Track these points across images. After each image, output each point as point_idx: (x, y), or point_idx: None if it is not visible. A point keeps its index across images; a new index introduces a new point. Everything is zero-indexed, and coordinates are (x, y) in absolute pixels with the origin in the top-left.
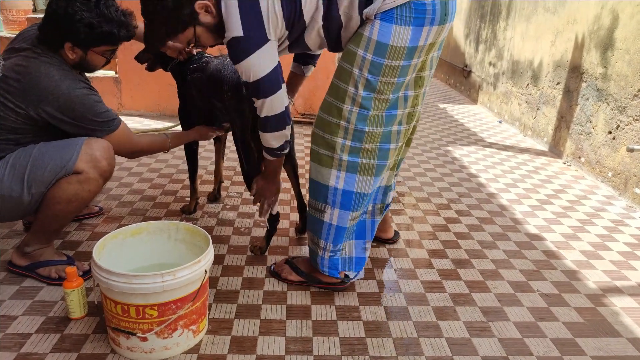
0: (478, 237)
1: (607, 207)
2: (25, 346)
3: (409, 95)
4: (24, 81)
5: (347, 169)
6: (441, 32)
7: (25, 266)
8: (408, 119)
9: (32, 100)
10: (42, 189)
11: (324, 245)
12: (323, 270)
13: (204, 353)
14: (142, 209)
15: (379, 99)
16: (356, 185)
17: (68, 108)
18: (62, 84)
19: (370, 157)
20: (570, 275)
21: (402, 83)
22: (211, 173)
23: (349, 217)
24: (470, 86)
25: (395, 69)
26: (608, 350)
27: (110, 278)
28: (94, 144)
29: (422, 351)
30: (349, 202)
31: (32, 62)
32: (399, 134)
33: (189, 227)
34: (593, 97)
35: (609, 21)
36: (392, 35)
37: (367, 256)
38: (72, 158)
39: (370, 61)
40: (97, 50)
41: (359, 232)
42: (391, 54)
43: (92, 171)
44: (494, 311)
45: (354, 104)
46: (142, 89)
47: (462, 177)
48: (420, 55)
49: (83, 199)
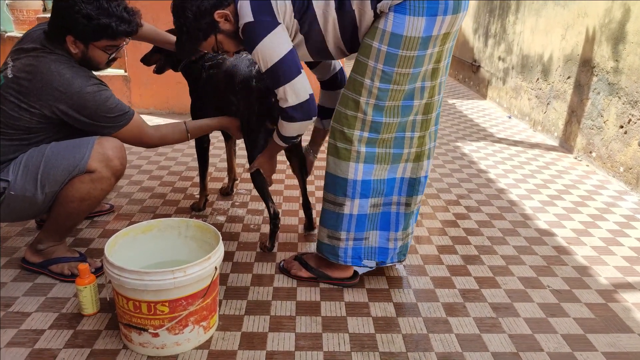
0: (488, 233)
1: (618, 202)
2: (39, 342)
3: (425, 86)
4: (35, 81)
5: (365, 160)
6: (455, 22)
7: (39, 263)
8: (425, 110)
9: (46, 99)
10: (56, 188)
11: (346, 235)
12: (346, 262)
13: (214, 349)
14: (152, 207)
15: (395, 89)
16: (374, 173)
17: (81, 105)
18: (74, 81)
19: (387, 146)
20: (581, 271)
21: (418, 73)
22: (220, 170)
23: (368, 204)
24: (479, 81)
25: (411, 60)
26: (619, 346)
27: (122, 275)
28: (105, 143)
29: (431, 347)
30: (367, 190)
31: (41, 61)
32: (415, 123)
33: (199, 224)
34: (604, 91)
35: (621, 14)
36: (405, 26)
37: (392, 247)
38: (85, 157)
39: (386, 52)
40: (98, 44)
41: (383, 223)
42: (406, 44)
43: (105, 170)
44: (504, 307)
45: (371, 96)
46: (151, 87)
47: (472, 172)
48: (435, 45)
49: (96, 197)
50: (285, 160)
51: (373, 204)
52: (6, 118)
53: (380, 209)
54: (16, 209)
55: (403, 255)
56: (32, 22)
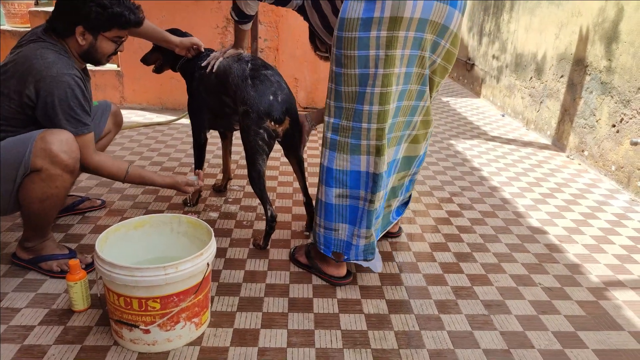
0: (480, 231)
1: (610, 201)
2: (29, 338)
3: (378, 73)
4: (19, 64)
5: (329, 147)
6: (403, 6)
7: (28, 259)
8: (381, 100)
9: (22, 80)
10: (9, 187)
11: (319, 221)
12: (319, 248)
13: (206, 345)
14: (144, 202)
15: (347, 73)
16: (335, 162)
17: (48, 90)
18: (54, 66)
19: (345, 135)
20: (572, 268)
21: (365, 57)
22: (213, 166)
23: (333, 194)
24: (474, 79)
25: (353, 41)
26: (610, 344)
27: (113, 271)
28: (49, 137)
29: (423, 344)
30: (331, 179)
31: (30, 46)
32: (371, 114)
33: (192, 220)
34: (597, 91)
35: (614, 13)
36: (347, 9)
37: (354, 243)
38: (27, 154)
39: (336, 36)
40: (108, 35)
41: (351, 216)
42: (347, 26)
43: (52, 167)
44: (496, 304)
45: (331, 81)
46: (144, 82)
47: (465, 170)
48: (381, 28)
49: (55, 195)
50: (278, 158)
51: (338, 194)
52: None
53: (348, 202)
54: None
55: (370, 254)
56: (23, 16)
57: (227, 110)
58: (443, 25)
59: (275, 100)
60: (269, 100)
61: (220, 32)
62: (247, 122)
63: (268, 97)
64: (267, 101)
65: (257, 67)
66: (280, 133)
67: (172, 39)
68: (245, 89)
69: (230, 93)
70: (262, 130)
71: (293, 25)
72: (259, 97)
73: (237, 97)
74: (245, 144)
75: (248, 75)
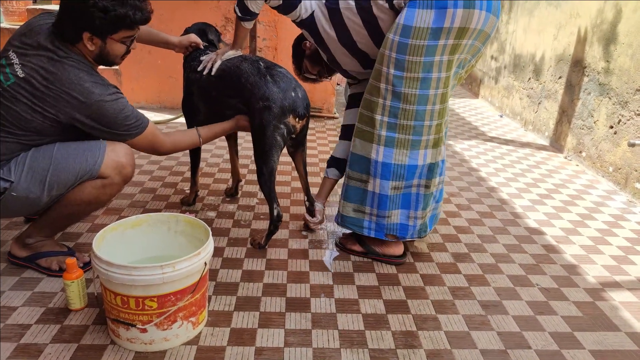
0: (478, 231)
1: (607, 202)
2: (25, 337)
3: (441, 77)
4: (53, 87)
5: (385, 144)
6: (471, 17)
7: (26, 257)
8: (442, 99)
9: (63, 106)
10: (63, 191)
11: (370, 210)
12: (369, 233)
13: (203, 345)
14: (142, 201)
15: (409, 77)
16: (394, 157)
17: (100, 114)
18: (95, 90)
19: (406, 133)
20: (569, 269)
21: (430, 63)
22: (211, 165)
23: (389, 186)
24: (472, 80)
25: (420, 48)
26: (606, 345)
27: (110, 270)
28: (118, 149)
29: (420, 344)
30: (388, 173)
31: (59, 67)
32: (433, 112)
33: (189, 219)
34: (595, 92)
35: (612, 15)
36: (415, 17)
37: (411, 224)
38: (97, 162)
39: (397, 42)
40: (116, 37)
41: (404, 202)
42: (414, 34)
43: (117, 177)
44: (493, 305)
45: (387, 82)
46: (142, 81)
47: (463, 171)
48: (449, 37)
49: (102, 201)
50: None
51: (394, 187)
52: (17, 120)
53: (402, 191)
54: (13, 209)
55: (423, 232)
56: (21, 14)
57: (228, 113)
58: (489, 35)
59: (297, 97)
60: (292, 96)
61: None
62: (268, 117)
63: (290, 93)
64: (290, 97)
65: (270, 65)
66: (299, 129)
67: (170, 40)
68: (266, 85)
69: (244, 93)
70: (283, 125)
71: (292, 24)
72: (282, 92)
73: (253, 95)
74: (261, 140)
75: (265, 72)
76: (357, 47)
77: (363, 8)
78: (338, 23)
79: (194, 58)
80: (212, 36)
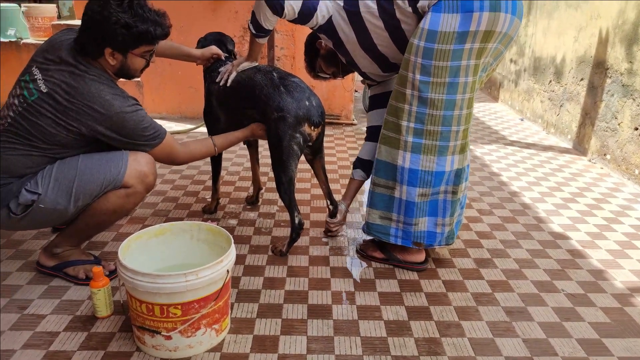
0: (501, 237)
1: (634, 205)
2: (54, 344)
3: (468, 81)
4: (75, 101)
5: (412, 150)
6: (497, 20)
7: (53, 266)
8: (469, 104)
9: (85, 119)
10: (89, 201)
11: (397, 217)
12: (396, 241)
13: (226, 352)
14: (164, 210)
15: (436, 82)
16: (421, 164)
17: (120, 126)
18: (115, 102)
19: (434, 139)
20: (596, 274)
21: (457, 67)
22: (231, 174)
23: (416, 193)
24: (491, 84)
25: (447, 52)
26: (636, 351)
27: (136, 278)
28: (141, 159)
29: (444, 351)
30: (415, 180)
31: (80, 81)
32: (460, 117)
33: (211, 228)
34: (618, 93)
35: (634, 15)
36: (440, 22)
37: (439, 232)
38: (121, 172)
39: (423, 47)
40: (137, 52)
41: (431, 210)
42: (440, 38)
43: (140, 186)
44: (518, 311)
45: (413, 88)
46: (163, 92)
47: (484, 175)
48: (475, 41)
49: (127, 210)
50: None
51: (421, 194)
52: (42, 134)
53: (429, 198)
54: (40, 220)
55: (451, 239)
56: (47, 29)
57: (246, 123)
58: (512, 38)
59: (311, 105)
60: (306, 106)
61: (237, 42)
62: (283, 127)
63: (304, 102)
64: (304, 106)
65: (284, 75)
66: (315, 137)
67: (192, 53)
68: (280, 96)
69: (259, 104)
70: (299, 134)
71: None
72: (296, 102)
73: (268, 106)
74: (278, 150)
75: (279, 83)
76: (378, 50)
77: (385, 11)
78: (358, 27)
79: (214, 69)
80: (231, 46)
